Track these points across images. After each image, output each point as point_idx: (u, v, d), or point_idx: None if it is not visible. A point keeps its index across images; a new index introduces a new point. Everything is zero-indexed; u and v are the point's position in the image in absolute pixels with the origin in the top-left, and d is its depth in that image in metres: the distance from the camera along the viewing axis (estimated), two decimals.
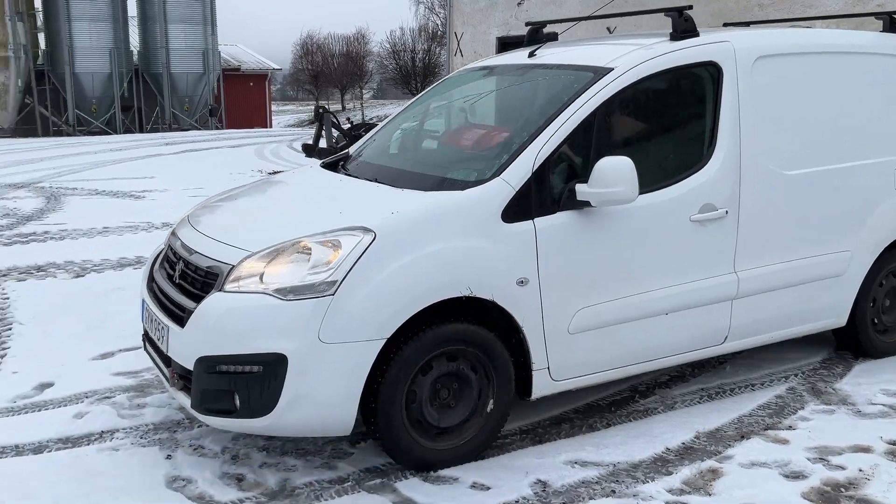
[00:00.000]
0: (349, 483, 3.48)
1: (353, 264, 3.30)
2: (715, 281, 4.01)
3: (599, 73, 3.86)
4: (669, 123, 4.15)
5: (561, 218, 3.62)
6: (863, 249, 4.49)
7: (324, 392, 3.30)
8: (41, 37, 28.29)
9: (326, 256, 3.35)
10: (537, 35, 4.78)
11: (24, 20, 27.01)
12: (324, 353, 3.27)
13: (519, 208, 3.56)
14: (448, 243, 3.45)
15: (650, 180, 3.78)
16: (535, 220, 3.58)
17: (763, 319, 4.24)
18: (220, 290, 3.40)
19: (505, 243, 3.52)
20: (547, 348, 3.64)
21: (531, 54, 4.48)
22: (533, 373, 3.65)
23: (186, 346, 3.43)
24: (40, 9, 28.05)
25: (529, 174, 3.58)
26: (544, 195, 3.61)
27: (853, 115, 4.49)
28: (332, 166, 4.56)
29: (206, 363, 3.34)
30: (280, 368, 3.27)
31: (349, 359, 3.29)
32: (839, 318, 4.53)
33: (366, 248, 3.33)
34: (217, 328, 3.36)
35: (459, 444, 3.57)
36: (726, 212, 3.99)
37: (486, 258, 3.49)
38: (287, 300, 3.29)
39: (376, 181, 3.96)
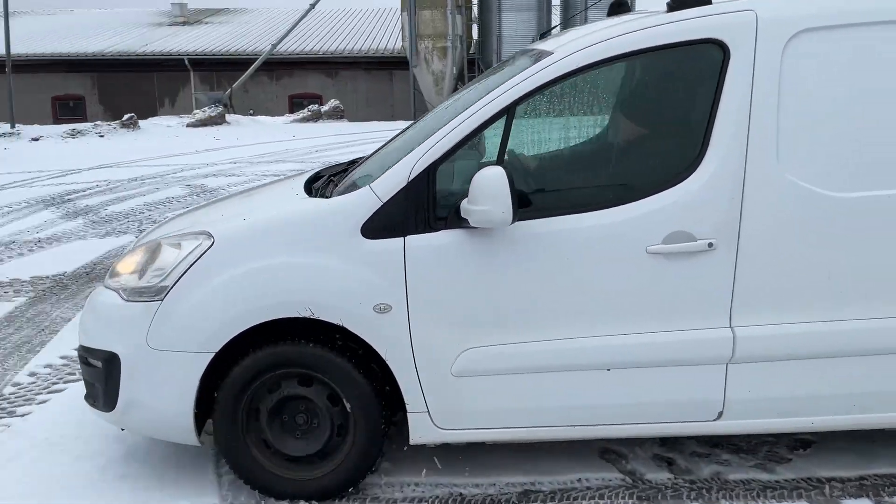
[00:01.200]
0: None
1: (187, 269, 3.20)
2: (693, 335, 3.11)
3: (538, 58, 3.20)
4: (627, 125, 3.34)
5: (443, 238, 3.10)
6: None
7: (156, 399, 3.26)
8: (473, 28, 31.09)
9: (170, 259, 3.28)
10: (620, 9, 3.93)
11: (462, 13, 29.90)
12: (151, 358, 3.23)
13: (385, 223, 3.11)
14: (291, 257, 3.15)
15: (587, 197, 3.17)
16: (407, 238, 3.10)
17: (799, 397, 3.15)
18: (102, 283, 3.56)
19: (361, 262, 3.12)
20: (423, 389, 3.20)
21: (541, 37, 3.78)
22: (408, 414, 3.25)
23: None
24: (475, 2, 30.82)
25: (403, 184, 3.10)
26: (424, 210, 3.10)
27: None
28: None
29: (79, 352, 3.55)
30: (114, 368, 3.29)
31: (177, 369, 3.21)
32: None
33: (202, 254, 3.19)
34: (84, 319, 3.54)
35: (313, 478, 3.32)
36: (710, 244, 3.04)
37: (333, 277, 3.12)
38: (128, 301, 3.31)
39: (316, 186, 3.72)
